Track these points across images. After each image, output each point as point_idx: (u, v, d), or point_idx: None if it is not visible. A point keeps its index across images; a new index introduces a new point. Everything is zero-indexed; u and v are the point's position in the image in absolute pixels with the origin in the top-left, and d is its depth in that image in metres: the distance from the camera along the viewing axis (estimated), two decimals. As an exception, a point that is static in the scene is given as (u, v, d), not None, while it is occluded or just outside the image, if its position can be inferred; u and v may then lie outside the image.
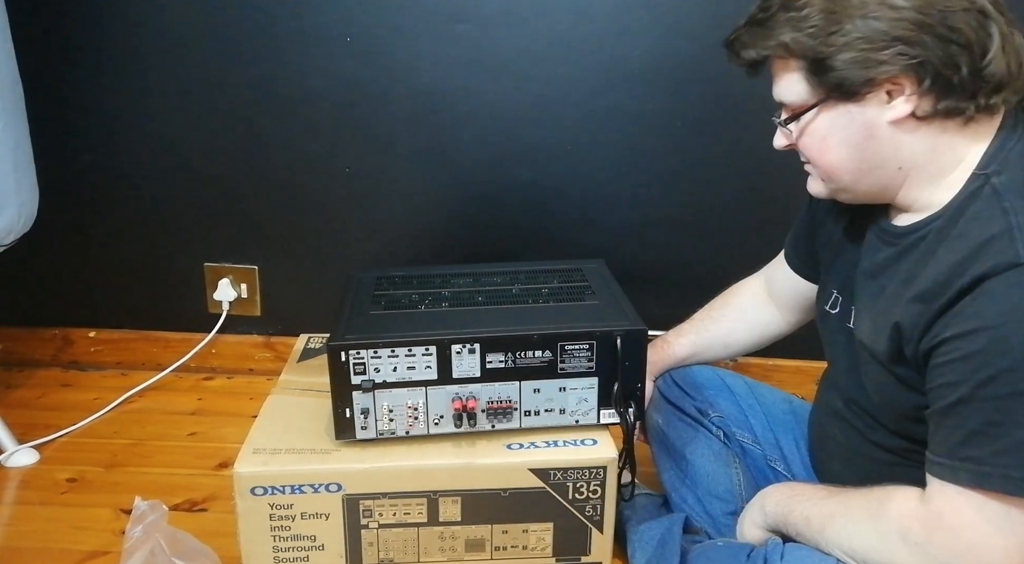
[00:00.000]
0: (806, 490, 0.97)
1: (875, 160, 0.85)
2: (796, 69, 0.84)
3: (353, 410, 1.08)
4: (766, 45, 0.84)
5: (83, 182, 1.78)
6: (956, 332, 0.75)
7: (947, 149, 0.83)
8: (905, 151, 0.83)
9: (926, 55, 0.78)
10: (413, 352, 1.07)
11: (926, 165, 0.84)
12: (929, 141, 0.83)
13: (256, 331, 1.89)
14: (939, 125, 0.82)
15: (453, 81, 1.67)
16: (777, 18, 0.83)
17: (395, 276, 1.30)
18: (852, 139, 0.84)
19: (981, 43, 0.78)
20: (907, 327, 0.81)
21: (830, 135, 0.85)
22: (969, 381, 0.74)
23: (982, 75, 0.79)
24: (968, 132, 0.82)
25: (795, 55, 0.83)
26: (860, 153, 0.85)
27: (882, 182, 0.86)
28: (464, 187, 1.75)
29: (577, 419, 1.11)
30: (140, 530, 1.04)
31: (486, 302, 1.19)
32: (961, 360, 0.75)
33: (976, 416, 0.74)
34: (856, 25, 0.78)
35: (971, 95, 0.79)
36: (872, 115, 0.82)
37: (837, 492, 0.92)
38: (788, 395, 1.27)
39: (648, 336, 1.09)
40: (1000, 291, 0.72)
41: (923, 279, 0.80)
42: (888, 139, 0.83)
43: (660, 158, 1.71)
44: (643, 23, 1.62)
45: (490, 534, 1.13)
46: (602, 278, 1.27)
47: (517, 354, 1.08)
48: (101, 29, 1.69)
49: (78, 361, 1.90)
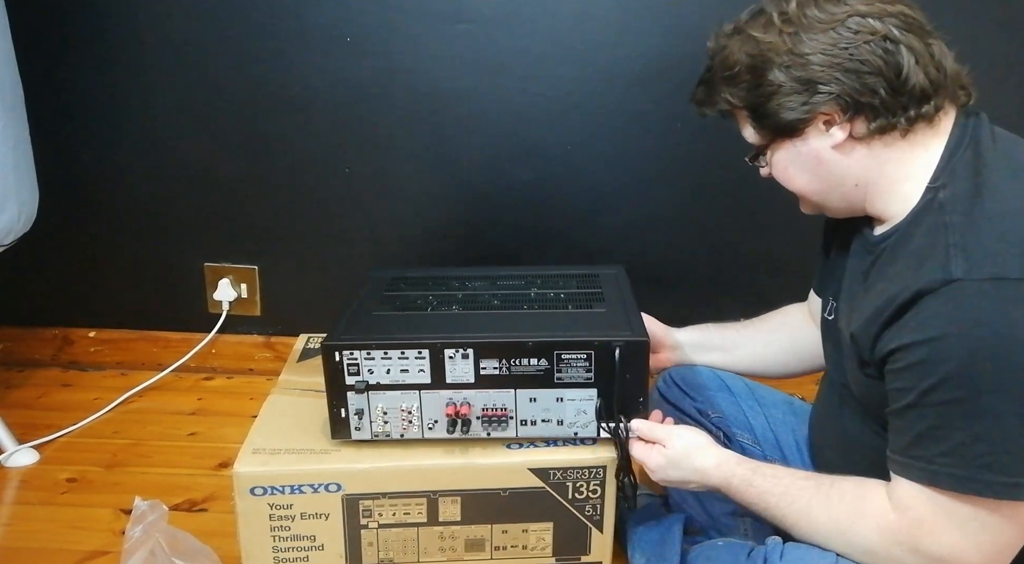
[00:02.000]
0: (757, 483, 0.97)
1: (832, 180, 0.93)
2: (744, 118, 0.96)
3: (348, 410, 1.08)
4: (715, 102, 0.97)
5: (83, 182, 1.78)
6: (900, 344, 0.81)
7: (895, 161, 0.89)
8: (855, 169, 0.91)
9: (841, 89, 0.86)
10: (406, 355, 1.06)
11: (878, 179, 0.91)
12: (874, 157, 0.90)
13: (256, 331, 1.89)
14: (879, 141, 0.89)
15: (453, 81, 1.67)
16: (716, 78, 0.95)
17: (411, 277, 1.30)
18: (806, 167, 0.93)
19: (893, 65, 0.85)
20: (860, 336, 0.88)
21: (788, 166, 0.95)
22: (914, 389, 0.80)
23: (903, 92, 0.85)
24: (912, 142, 0.88)
25: (738, 107, 0.95)
26: (817, 177, 0.94)
27: (846, 198, 0.94)
28: (464, 187, 1.75)
29: (576, 431, 1.10)
30: (140, 530, 1.04)
31: (500, 306, 1.18)
32: (906, 369, 0.81)
33: (921, 421, 0.80)
34: (776, 75, 0.88)
35: (900, 110, 0.86)
36: (816, 145, 0.91)
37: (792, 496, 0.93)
38: (788, 396, 1.27)
39: (649, 348, 1.06)
40: (936, 306, 0.78)
41: (877, 291, 0.86)
42: (836, 162, 0.91)
43: (660, 158, 1.71)
44: (643, 23, 1.62)
45: (490, 534, 1.13)
46: (617, 285, 1.25)
47: (512, 361, 1.06)
48: (101, 29, 1.69)
49: (78, 361, 1.90)
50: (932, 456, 0.79)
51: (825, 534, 0.89)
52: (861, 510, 0.87)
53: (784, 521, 0.93)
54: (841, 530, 0.88)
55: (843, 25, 0.86)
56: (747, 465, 0.98)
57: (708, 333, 1.29)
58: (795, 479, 0.94)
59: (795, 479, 0.94)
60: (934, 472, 0.79)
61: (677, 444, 1.01)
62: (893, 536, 0.84)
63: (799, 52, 0.87)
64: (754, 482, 0.95)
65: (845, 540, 0.88)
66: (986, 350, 0.75)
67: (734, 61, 0.92)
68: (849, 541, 0.87)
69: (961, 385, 0.76)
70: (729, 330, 1.29)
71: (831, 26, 0.86)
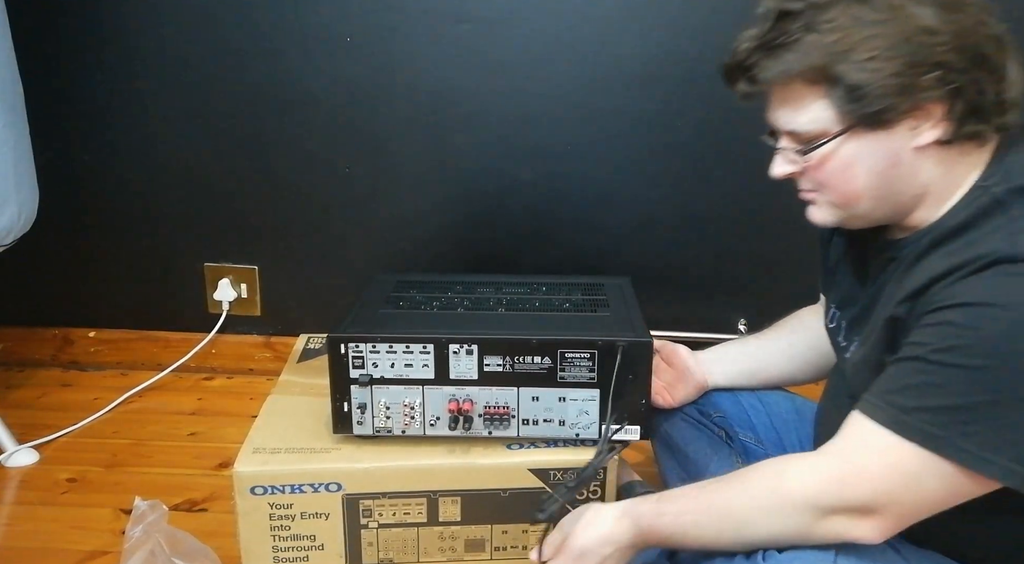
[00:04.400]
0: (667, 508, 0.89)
1: (896, 187, 0.83)
2: (822, 96, 0.81)
3: (351, 404, 1.08)
4: (793, 69, 0.79)
5: (83, 182, 1.78)
6: (940, 305, 0.76)
7: (961, 171, 0.83)
8: (924, 176, 0.83)
9: (963, 81, 0.77)
10: (411, 349, 1.07)
11: (940, 188, 0.84)
12: (947, 165, 0.83)
13: (256, 331, 1.89)
14: (958, 148, 0.82)
15: (453, 81, 1.67)
16: (804, 41, 0.79)
17: (416, 281, 1.31)
18: (877, 166, 0.82)
19: (1003, 68, 0.79)
20: (903, 316, 0.82)
21: (855, 163, 0.83)
22: (930, 344, 0.76)
23: (1003, 99, 0.80)
24: (981, 153, 0.83)
25: (824, 82, 0.79)
26: (883, 180, 0.83)
27: (897, 207, 0.86)
28: (464, 187, 1.75)
29: (578, 432, 1.09)
30: (140, 530, 1.04)
31: (505, 308, 1.19)
32: (933, 326, 0.77)
33: (919, 375, 0.77)
34: (900, 50, 0.76)
35: (994, 117, 0.80)
36: (899, 142, 0.81)
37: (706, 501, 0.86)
38: (791, 394, 1.27)
39: (653, 350, 1.06)
40: (992, 278, 0.75)
41: (922, 276, 0.81)
42: (910, 165, 0.82)
43: (660, 158, 1.71)
44: (643, 23, 1.62)
45: (490, 534, 1.13)
46: (621, 293, 1.26)
47: (515, 358, 1.06)
48: (101, 29, 1.69)
49: (78, 361, 1.90)
50: (912, 407, 0.76)
51: (752, 522, 0.82)
52: (782, 474, 0.82)
53: (712, 530, 0.85)
54: (765, 506, 0.81)
55: (969, 11, 0.77)
56: (649, 499, 0.90)
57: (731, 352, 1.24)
58: (704, 486, 0.88)
59: (704, 486, 0.88)
60: (904, 422, 0.76)
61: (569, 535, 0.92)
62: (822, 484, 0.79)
63: (931, 28, 0.75)
64: (664, 510, 0.87)
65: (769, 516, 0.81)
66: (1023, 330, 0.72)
67: (839, 23, 0.77)
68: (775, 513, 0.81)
69: (983, 355, 0.73)
70: (750, 345, 1.25)
71: (959, 8, 0.77)
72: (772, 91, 0.85)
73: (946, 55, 0.76)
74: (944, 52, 0.76)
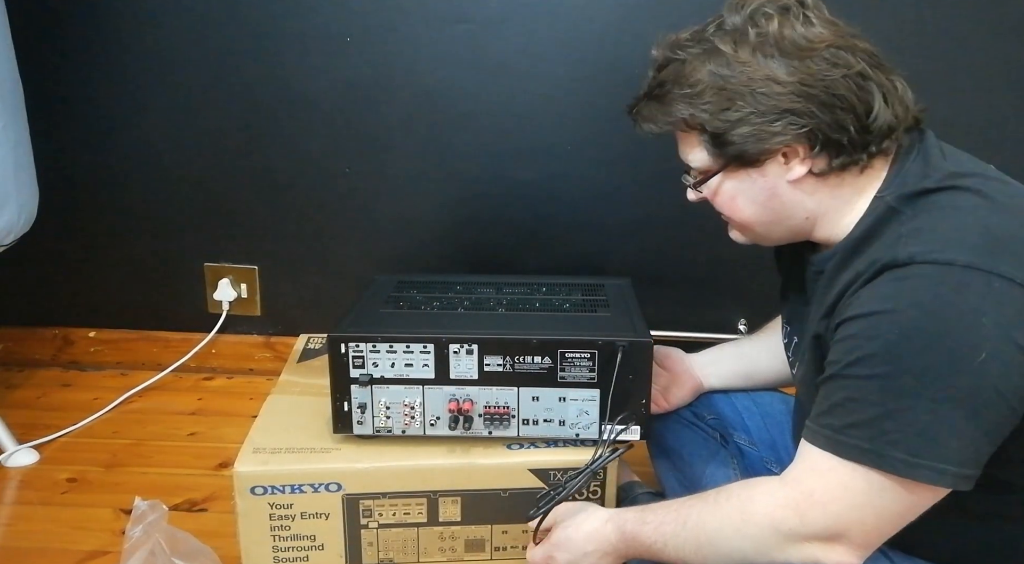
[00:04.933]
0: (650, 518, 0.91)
1: (782, 213, 0.90)
2: (697, 141, 0.89)
3: (351, 404, 1.08)
4: (666, 121, 0.90)
5: (83, 182, 1.78)
6: (842, 318, 0.80)
7: (847, 192, 0.87)
8: (809, 203, 0.88)
9: (815, 123, 0.82)
10: (411, 348, 1.07)
11: (830, 212, 0.88)
12: (829, 192, 0.87)
13: (256, 331, 1.89)
14: (836, 177, 0.86)
15: (453, 81, 1.67)
16: (672, 94, 0.88)
17: (416, 282, 1.31)
18: (758, 198, 0.89)
19: (865, 103, 0.83)
20: (823, 333, 0.86)
21: (737, 195, 0.91)
22: (841, 361, 0.79)
23: (870, 130, 0.83)
24: (867, 174, 0.86)
25: (694, 129, 0.88)
26: (767, 209, 0.90)
27: (793, 229, 0.91)
28: (464, 187, 1.75)
29: (578, 433, 1.10)
30: (140, 530, 1.04)
31: (505, 308, 1.19)
32: (840, 341, 0.80)
33: (839, 392, 0.79)
34: (747, 101, 0.83)
35: (864, 147, 0.84)
36: (772, 178, 0.87)
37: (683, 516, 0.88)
38: (784, 395, 1.27)
39: (653, 350, 1.06)
40: (881, 285, 0.77)
41: (833, 294, 0.84)
42: (790, 196, 0.88)
43: (660, 158, 1.70)
44: (643, 23, 1.62)
45: (490, 534, 1.13)
46: (621, 293, 1.26)
47: (515, 358, 1.07)
48: (101, 29, 1.69)
49: (78, 361, 1.90)
50: (841, 426, 0.78)
51: (725, 539, 0.84)
52: (750, 498, 0.84)
53: (687, 549, 0.86)
54: (735, 526, 0.83)
55: (820, 55, 0.82)
56: (636, 508, 0.93)
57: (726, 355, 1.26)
58: (684, 501, 0.90)
59: (684, 501, 0.90)
60: (839, 441, 0.78)
61: (558, 524, 0.96)
62: (782, 511, 0.80)
63: (777, 78, 0.82)
64: (647, 519, 0.89)
65: (741, 537, 0.83)
66: (917, 331, 0.73)
67: (697, 79, 0.86)
68: (745, 536, 0.83)
69: (886, 361, 0.75)
70: (744, 346, 1.27)
71: (810, 55, 0.82)
72: (673, 132, 0.92)
73: (793, 102, 0.82)
74: (790, 100, 0.82)
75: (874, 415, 0.76)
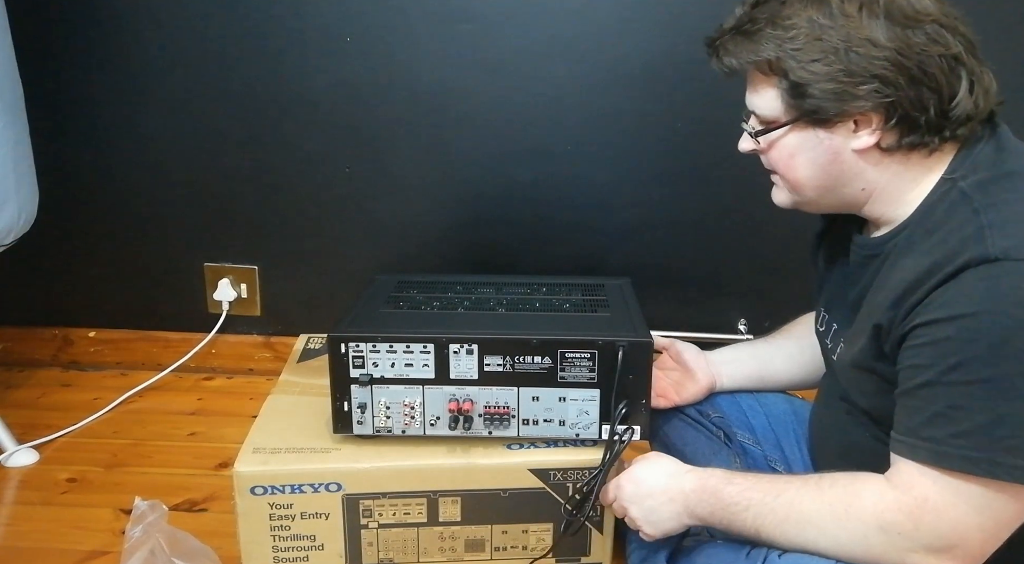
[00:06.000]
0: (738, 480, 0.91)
1: (840, 180, 0.88)
2: (774, 86, 0.86)
3: (351, 404, 1.08)
4: (749, 58, 0.86)
5: (83, 182, 1.78)
6: (927, 319, 0.77)
7: (911, 175, 0.86)
8: (869, 175, 0.86)
9: (898, 95, 0.80)
10: (411, 348, 1.07)
11: (889, 188, 0.87)
12: (892, 169, 0.86)
13: (256, 331, 1.89)
14: (902, 156, 0.85)
15: (453, 81, 1.67)
16: (764, 33, 0.84)
17: (416, 281, 1.31)
18: (818, 160, 0.87)
19: (951, 87, 0.81)
20: (886, 324, 0.83)
21: (798, 153, 0.88)
22: (936, 366, 0.76)
23: (948, 115, 0.82)
24: (936, 158, 0.85)
25: (776, 73, 0.85)
26: (825, 172, 0.88)
27: (846, 199, 0.90)
28: (464, 187, 1.75)
29: (578, 433, 1.10)
30: (140, 530, 1.04)
31: (505, 308, 1.19)
32: (930, 345, 0.77)
33: (940, 400, 0.76)
34: (839, 57, 0.80)
35: (938, 131, 0.82)
36: (839, 141, 0.85)
37: (778, 489, 0.87)
38: (789, 395, 1.27)
39: (653, 350, 1.06)
40: (972, 283, 0.75)
41: (898, 281, 0.82)
42: (852, 164, 0.86)
43: (660, 158, 1.71)
44: (643, 23, 1.62)
45: (490, 534, 1.13)
46: (621, 293, 1.26)
47: (516, 358, 1.07)
48: (101, 28, 1.69)
49: (78, 361, 1.90)
50: (944, 437, 0.75)
51: (819, 525, 0.83)
52: (856, 491, 0.82)
53: (768, 519, 0.85)
54: (836, 515, 0.82)
55: (923, 29, 0.79)
56: (723, 470, 0.93)
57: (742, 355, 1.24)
58: (778, 476, 0.90)
59: (778, 476, 0.90)
60: (944, 453, 0.75)
61: (638, 463, 0.97)
62: (893, 515, 0.79)
63: (876, 41, 0.79)
64: (734, 480, 0.89)
65: (840, 528, 0.82)
66: (1021, 331, 0.72)
67: (794, 23, 0.82)
68: (844, 527, 0.81)
69: (991, 364, 0.73)
70: (759, 348, 1.25)
71: (914, 25, 0.79)
72: (748, 73, 0.89)
73: (884, 69, 0.80)
74: (883, 66, 0.80)
75: (984, 422, 0.74)
